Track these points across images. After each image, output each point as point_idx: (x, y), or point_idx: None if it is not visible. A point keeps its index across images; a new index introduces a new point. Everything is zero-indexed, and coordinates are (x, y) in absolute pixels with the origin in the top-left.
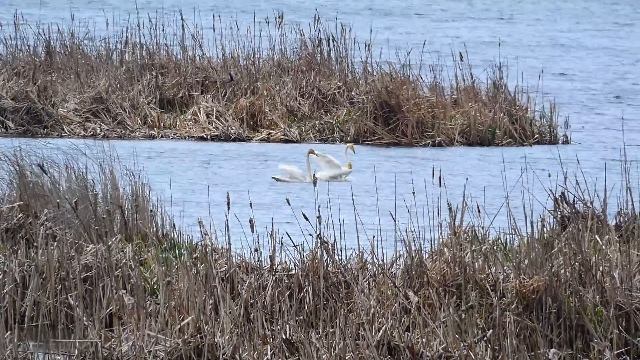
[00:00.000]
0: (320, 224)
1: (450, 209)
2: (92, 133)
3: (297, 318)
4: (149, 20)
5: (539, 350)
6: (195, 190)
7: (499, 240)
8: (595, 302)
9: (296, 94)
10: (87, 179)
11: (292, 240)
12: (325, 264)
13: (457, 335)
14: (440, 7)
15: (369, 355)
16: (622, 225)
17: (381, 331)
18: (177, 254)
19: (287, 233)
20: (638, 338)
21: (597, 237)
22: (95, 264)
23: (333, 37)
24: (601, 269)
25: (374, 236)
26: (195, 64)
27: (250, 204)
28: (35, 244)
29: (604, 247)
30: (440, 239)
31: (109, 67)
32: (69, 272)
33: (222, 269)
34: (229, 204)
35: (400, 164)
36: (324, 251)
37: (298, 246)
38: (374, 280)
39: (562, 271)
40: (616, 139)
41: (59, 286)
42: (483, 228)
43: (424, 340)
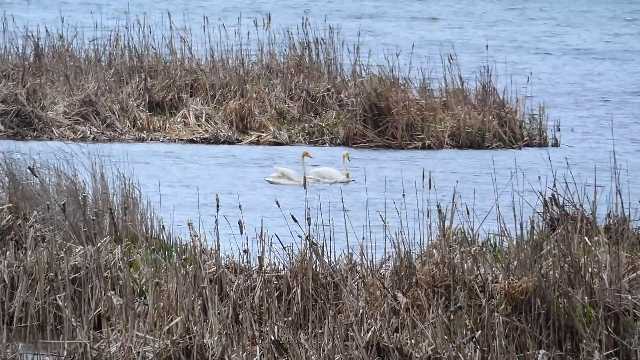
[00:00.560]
0: (309, 226)
1: (440, 210)
2: (81, 136)
3: (286, 319)
4: (138, 22)
5: (528, 351)
6: (185, 192)
7: (489, 242)
8: (584, 304)
9: (285, 96)
10: (76, 181)
11: (281, 241)
12: (314, 265)
13: (446, 336)
14: (433, 10)
15: (358, 356)
16: (612, 227)
17: (370, 332)
18: (166, 256)
19: (276, 235)
20: (627, 339)
21: (586, 238)
22: (84, 265)
23: (322, 39)
24: (590, 270)
25: (364, 238)
26: (184, 67)
27: (240, 205)
28: (25, 246)
29: (593, 248)
30: (430, 241)
31: (98, 69)
32: (57, 273)
33: (210, 270)
34: (218, 206)
35: (389, 167)
36: (313, 252)
37: (287, 247)
38: (363, 281)
39: (551, 272)
40: (606, 141)
41: (48, 287)
42: (472, 230)
43: (413, 341)
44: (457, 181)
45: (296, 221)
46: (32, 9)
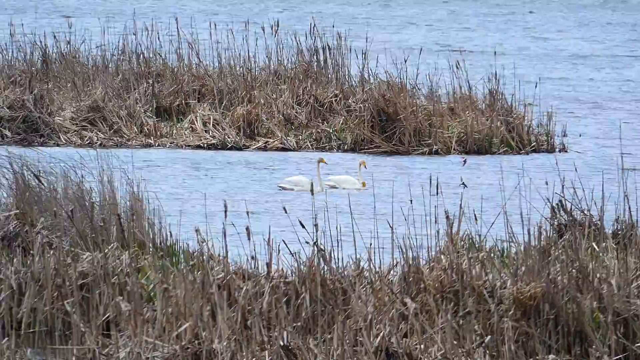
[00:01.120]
0: (317, 232)
1: (448, 216)
2: (88, 142)
3: (295, 324)
4: (145, 28)
5: (537, 356)
6: (192, 198)
7: (496, 248)
8: (593, 309)
9: (293, 102)
10: (84, 187)
11: (288, 247)
12: (322, 271)
13: (455, 342)
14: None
15: None
16: (620, 232)
17: (379, 337)
18: (174, 262)
19: (284, 241)
20: (636, 344)
21: (594, 244)
22: (91, 272)
23: (329, 45)
24: (598, 275)
25: (371, 244)
26: (191, 72)
27: (247, 211)
28: (32, 252)
29: (601, 254)
30: (438, 247)
31: (105, 75)
32: (65, 280)
33: (219, 276)
34: (226, 212)
35: (397, 172)
36: (321, 258)
37: (295, 254)
38: (371, 287)
39: (559, 278)
40: (614, 146)
41: (56, 293)
42: (480, 235)
43: (422, 346)
44: (464, 186)
45: (304, 227)
46: (39, 16)
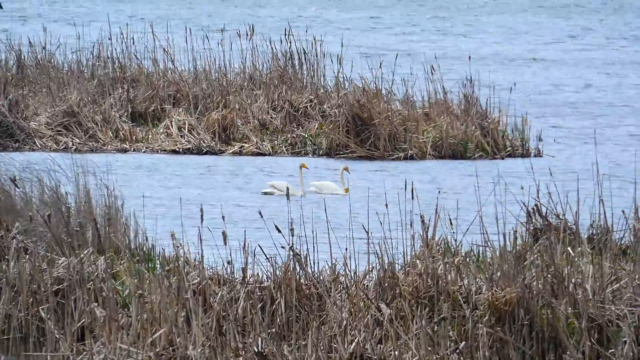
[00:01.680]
0: (292, 237)
1: (423, 221)
2: (64, 147)
3: (270, 330)
4: (120, 33)
5: None
6: (168, 204)
7: (472, 253)
8: (567, 314)
9: (268, 107)
10: (59, 191)
11: (264, 252)
12: (298, 276)
13: (429, 348)
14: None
15: None
16: (595, 237)
17: (354, 343)
18: (150, 267)
19: (260, 246)
20: (610, 350)
21: (569, 249)
22: (67, 277)
23: (304, 50)
24: (574, 281)
25: (347, 248)
26: (166, 77)
27: (223, 217)
28: (7, 257)
29: (576, 259)
30: (413, 252)
31: (81, 80)
32: (40, 285)
33: (194, 282)
34: (202, 217)
35: (372, 177)
36: (297, 263)
37: (270, 259)
38: (346, 292)
39: (534, 283)
40: (589, 151)
41: (31, 299)
42: (456, 240)
43: (397, 352)
44: (439, 192)
45: (280, 231)
46: (14, 21)
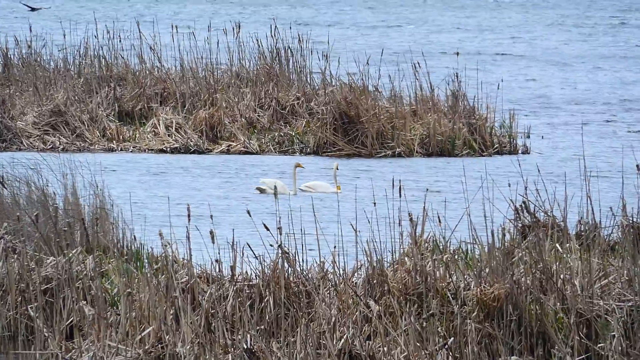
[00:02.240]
0: (281, 235)
1: (411, 219)
2: (51, 146)
3: (258, 327)
4: (107, 31)
5: (500, 357)
6: (156, 203)
7: (460, 250)
8: (556, 310)
9: (255, 105)
10: (47, 191)
11: (252, 250)
12: (287, 274)
13: (418, 344)
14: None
15: None
16: (583, 233)
17: (342, 340)
18: (138, 266)
19: (248, 244)
20: (599, 344)
21: (557, 245)
22: (55, 276)
23: (290, 48)
24: (562, 276)
25: (335, 246)
26: (153, 76)
27: (211, 215)
28: None
29: (564, 255)
30: (402, 249)
31: (67, 79)
32: (29, 284)
33: (182, 280)
34: (189, 216)
35: (360, 175)
36: (285, 261)
37: (259, 257)
38: (335, 289)
39: (523, 279)
40: (577, 147)
41: (19, 298)
42: (444, 238)
43: (386, 348)
44: (427, 189)
45: (268, 229)
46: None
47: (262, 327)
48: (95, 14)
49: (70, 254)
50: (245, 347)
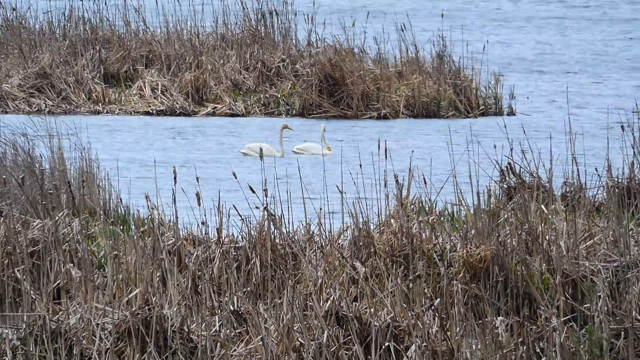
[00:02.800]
0: (267, 197)
1: (397, 180)
2: (36, 109)
3: (245, 289)
4: None
5: (486, 318)
6: (142, 165)
7: (446, 211)
8: (542, 271)
9: (240, 67)
10: (34, 154)
11: (239, 212)
12: (273, 236)
13: (404, 305)
14: None
15: (317, 325)
16: (568, 194)
17: (329, 302)
18: (125, 228)
19: (234, 206)
20: (585, 305)
21: (543, 206)
22: (42, 239)
23: (275, 10)
24: (548, 238)
25: (321, 208)
26: (139, 38)
27: (197, 177)
28: None
29: (550, 216)
30: (388, 211)
31: (52, 42)
32: (15, 247)
33: (169, 242)
34: (175, 178)
35: (346, 137)
36: (271, 223)
37: (245, 219)
38: (321, 251)
39: (508, 240)
40: (561, 108)
41: (6, 260)
42: (430, 199)
43: (372, 310)
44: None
45: (254, 192)
46: None
47: (249, 289)
48: None
49: (56, 217)
50: (232, 308)
